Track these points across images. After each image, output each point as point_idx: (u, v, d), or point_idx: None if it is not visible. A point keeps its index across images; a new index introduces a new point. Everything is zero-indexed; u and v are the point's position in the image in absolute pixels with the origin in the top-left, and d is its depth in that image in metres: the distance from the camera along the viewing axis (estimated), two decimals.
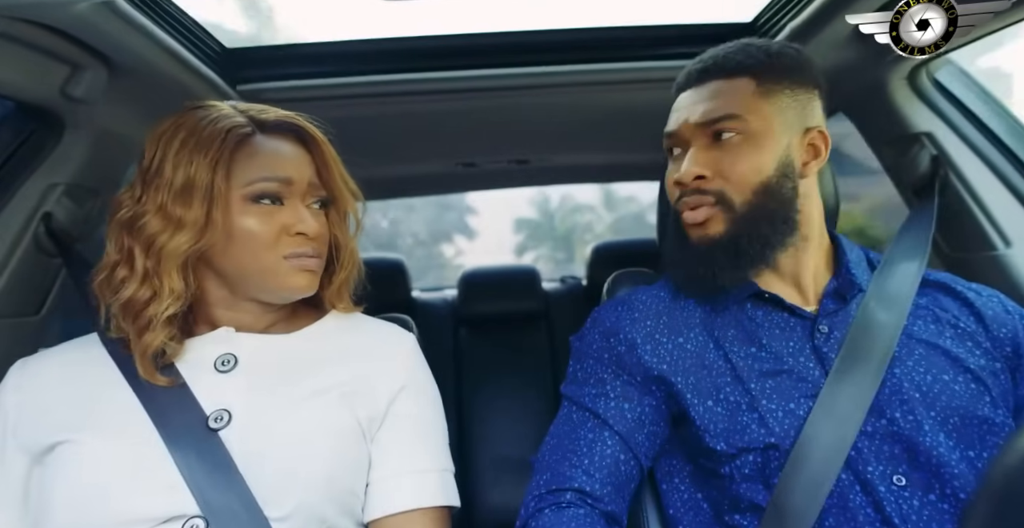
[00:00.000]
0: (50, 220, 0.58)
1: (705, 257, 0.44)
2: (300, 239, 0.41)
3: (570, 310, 1.23)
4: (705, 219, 0.44)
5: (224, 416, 0.38)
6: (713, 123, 0.44)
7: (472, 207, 2.71)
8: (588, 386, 0.47)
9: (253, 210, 0.40)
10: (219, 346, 0.42)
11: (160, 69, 0.57)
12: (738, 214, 0.43)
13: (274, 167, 0.41)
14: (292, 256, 0.41)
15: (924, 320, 0.44)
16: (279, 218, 0.41)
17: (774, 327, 0.45)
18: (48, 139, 0.58)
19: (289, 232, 0.41)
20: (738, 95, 0.44)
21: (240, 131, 0.41)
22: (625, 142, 1.03)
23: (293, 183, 0.41)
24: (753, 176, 0.43)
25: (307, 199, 0.43)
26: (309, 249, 0.42)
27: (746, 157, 0.43)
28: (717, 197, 0.44)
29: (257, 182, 0.40)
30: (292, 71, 0.70)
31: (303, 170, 0.42)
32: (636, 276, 0.60)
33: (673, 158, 0.48)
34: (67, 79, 0.52)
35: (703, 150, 0.44)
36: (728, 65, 0.45)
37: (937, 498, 0.37)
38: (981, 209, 0.61)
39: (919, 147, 0.64)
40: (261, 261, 0.40)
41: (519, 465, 1.06)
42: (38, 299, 0.60)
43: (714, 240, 0.44)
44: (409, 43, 0.72)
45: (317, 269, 0.43)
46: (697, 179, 0.44)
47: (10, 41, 0.45)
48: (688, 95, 0.46)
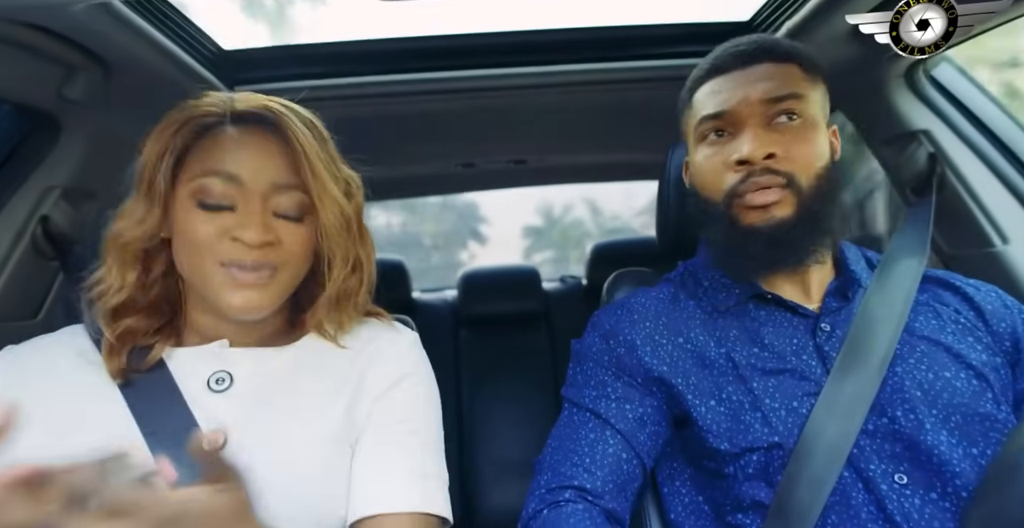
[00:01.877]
0: (47, 223, 0.58)
1: (774, 240, 0.41)
2: (238, 246, 0.36)
3: (570, 310, 1.23)
4: (777, 200, 0.41)
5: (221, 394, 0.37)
6: (778, 101, 0.42)
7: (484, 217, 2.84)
8: (589, 388, 0.46)
9: (195, 212, 0.36)
10: (212, 363, 0.39)
11: (157, 71, 0.57)
12: (806, 197, 0.41)
13: (223, 162, 0.36)
14: (227, 264, 0.36)
15: (925, 316, 0.44)
16: (222, 220, 0.36)
17: (776, 326, 0.44)
18: (45, 142, 0.58)
19: (229, 236, 0.36)
20: (792, 78, 0.43)
21: (201, 121, 0.37)
22: (623, 141, 1.03)
23: (243, 182, 0.36)
24: (816, 161, 0.42)
25: (272, 202, 0.37)
26: (248, 259, 0.36)
27: (809, 140, 0.42)
28: (788, 178, 0.41)
29: (200, 177, 0.36)
30: (289, 72, 0.70)
31: (264, 168, 0.37)
32: (636, 275, 0.60)
33: (716, 142, 0.44)
34: (63, 81, 0.52)
35: (763, 130, 0.42)
36: (778, 50, 0.44)
37: (939, 496, 0.37)
38: (978, 206, 0.61)
39: (916, 145, 0.65)
40: (199, 265, 0.37)
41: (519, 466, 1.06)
42: (36, 303, 0.60)
43: (781, 223, 0.41)
44: (406, 43, 0.72)
45: (262, 284, 0.37)
46: (767, 158, 0.41)
47: (5, 43, 0.45)
48: (735, 76, 0.44)
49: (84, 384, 0.38)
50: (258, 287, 0.37)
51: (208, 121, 0.38)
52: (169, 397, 0.37)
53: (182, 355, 0.40)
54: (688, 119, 0.48)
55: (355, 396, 0.41)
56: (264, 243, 0.37)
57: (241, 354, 0.40)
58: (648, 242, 1.16)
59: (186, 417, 0.37)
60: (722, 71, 0.45)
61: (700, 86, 0.46)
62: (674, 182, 0.59)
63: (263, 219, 0.37)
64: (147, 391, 0.37)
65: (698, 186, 0.47)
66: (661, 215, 0.62)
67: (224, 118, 0.38)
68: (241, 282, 0.37)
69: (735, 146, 0.43)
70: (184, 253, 0.38)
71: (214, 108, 0.38)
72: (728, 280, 0.47)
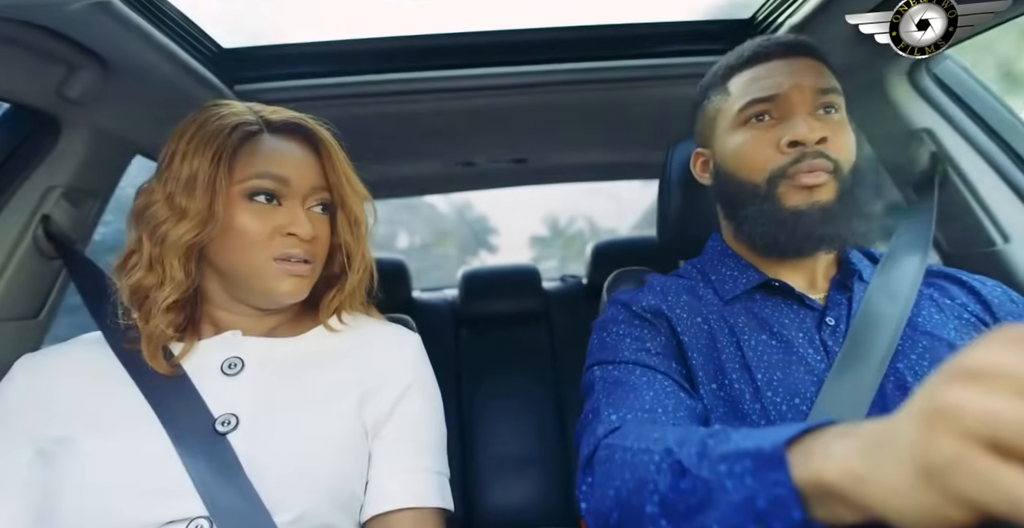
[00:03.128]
0: (49, 222, 0.58)
1: (813, 222, 0.42)
2: (292, 240, 0.41)
3: (571, 309, 1.23)
4: (821, 183, 0.42)
5: (232, 420, 0.38)
6: (826, 92, 0.43)
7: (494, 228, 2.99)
8: (624, 345, 0.44)
9: (249, 207, 0.40)
10: (225, 349, 0.42)
11: (156, 69, 0.56)
12: (845, 187, 0.42)
13: (272, 165, 0.41)
14: (281, 258, 0.41)
15: (928, 311, 0.44)
16: (274, 217, 0.41)
17: (784, 315, 0.44)
18: (45, 141, 0.58)
19: (281, 232, 0.41)
20: (829, 75, 0.44)
21: (245, 128, 0.41)
22: (625, 140, 1.03)
23: (291, 183, 0.41)
24: (852, 154, 0.43)
25: (308, 202, 0.43)
26: (300, 252, 0.41)
27: (849, 134, 0.43)
28: (835, 164, 0.42)
29: (253, 178, 0.40)
30: (289, 71, 0.70)
31: (305, 172, 0.42)
32: (636, 274, 0.61)
33: (763, 125, 0.44)
34: (63, 80, 0.52)
35: (811, 117, 0.43)
36: (811, 48, 0.45)
37: None
38: (980, 205, 0.61)
39: (918, 143, 0.64)
40: (250, 260, 0.40)
41: (520, 464, 1.07)
42: (38, 301, 0.60)
43: (824, 206, 0.42)
44: (406, 42, 0.71)
45: (307, 275, 0.42)
46: (820, 142, 0.42)
47: (4, 42, 0.45)
48: (781, 64, 0.44)
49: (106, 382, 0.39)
50: (303, 277, 0.42)
51: (250, 128, 0.41)
52: (184, 387, 0.39)
53: (196, 346, 0.42)
54: (721, 105, 0.48)
55: (367, 395, 0.43)
56: (313, 238, 0.42)
57: (253, 341, 0.43)
58: (648, 241, 1.16)
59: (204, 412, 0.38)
60: (765, 58, 0.45)
61: (737, 73, 0.47)
62: (675, 181, 0.59)
63: (310, 216, 0.42)
64: (165, 384, 0.39)
65: (734, 168, 0.46)
66: (661, 214, 0.62)
67: (262, 127, 0.42)
68: (293, 272, 0.41)
69: (785, 128, 0.43)
70: (236, 248, 0.40)
71: (249, 116, 0.42)
72: (735, 272, 0.48)
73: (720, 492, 0.26)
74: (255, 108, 0.43)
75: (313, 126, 0.44)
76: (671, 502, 0.28)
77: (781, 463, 0.24)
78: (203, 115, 0.42)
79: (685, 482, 0.28)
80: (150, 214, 0.40)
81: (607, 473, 0.33)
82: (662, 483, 0.29)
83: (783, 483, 0.24)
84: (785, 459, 0.24)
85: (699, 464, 0.28)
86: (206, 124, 0.41)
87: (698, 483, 0.27)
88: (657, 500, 0.29)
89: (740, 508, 0.25)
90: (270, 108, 0.44)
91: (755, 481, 0.25)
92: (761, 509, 0.24)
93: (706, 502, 0.27)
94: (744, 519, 0.25)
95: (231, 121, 0.41)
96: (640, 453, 0.32)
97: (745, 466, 0.26)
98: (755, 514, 0.24)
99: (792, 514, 0.23)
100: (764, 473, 0.25)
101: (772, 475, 0.24)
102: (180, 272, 0.39)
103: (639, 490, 0.30)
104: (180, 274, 0.39)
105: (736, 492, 0.25)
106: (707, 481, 0.27)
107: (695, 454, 0.28)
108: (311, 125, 0.44)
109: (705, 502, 0.27)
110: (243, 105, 0.43)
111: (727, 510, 0.26)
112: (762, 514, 0.24)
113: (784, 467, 0.24)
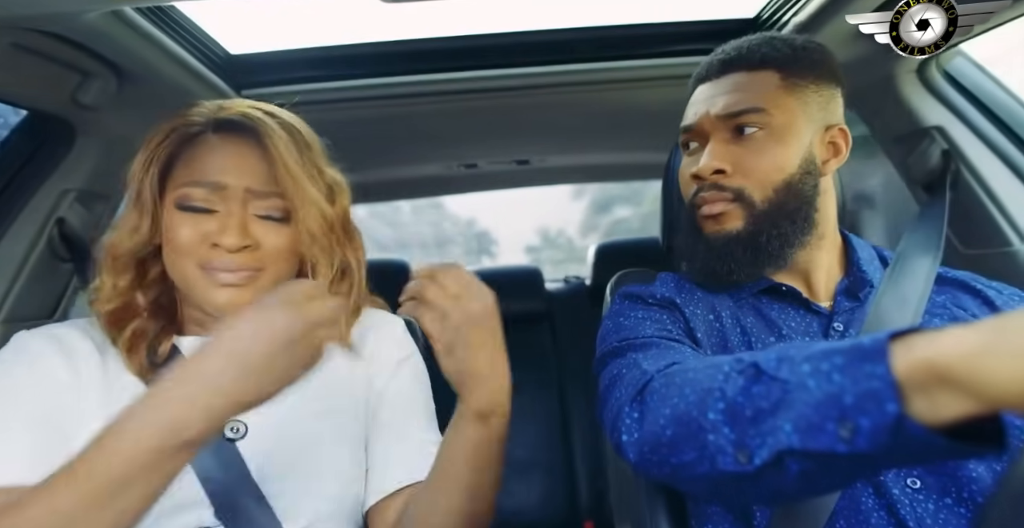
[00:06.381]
0: (63, 225, 0.59)
1: (722, 252, 0.43)
2: (218, 251, 0.37)
3: (574, 310, 1.22)
4: (721, 212, 0.43)
5: (240, 427, 0.38)
6: (736, 116, 0.42)
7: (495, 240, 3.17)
8: (644, 326, 0.42)
9: (178, 217, 0.38)
10: None
11: (167, 76, 0.58)
12: (758, 211, 0.42)
13: (206, 171, 0.38)
14: (208, 267, 0.38)
15: (941, 318, 0.43)
16: (203, 225, 0.37)
17: (790, 319, 0.44)
18: (60, 146, 0.60)
19: (208, 241, 0.37)
20: (762, 88, 0.43)
21: (186, 131, 0.38)
22: (627, 141, 1.02)
23: (227, 189, 0.38)
24: (775, 174, 0.42)
25: (253, 208, 0.39)
26: (229, 262, 0.37)
27: (769, 153, 0.42)
28: (736, 194, 0.42)
29: (182, 187, 0.38)
30: (295, 75, 0.71)
31: (245, 175, 0.38)
32: (640, 276, 0.60)
33: (689, 152, 0.47)
34: (78, 87, 0.54)
35: (723, 144, 0.43)
36: (752, 57, 0.43)
37: (954, 502, 0.36)
38: (995, 204, 0.60)
39: (929, 142, 0.63)
40: (181, 269, 0.38)
41: (522, 465, 1.06)
42: (52, 302, 0.61)
43: (731, 236, 0.43)
44: (410, 45, 0.72)
45: (245, 284, 0.38)
46: (716, 173, 0.43)
47: (22, 51, 0.47)
48: (708, 87, 0.45)
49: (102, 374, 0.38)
50: (240, 286, 0.38)
51: (192, 130, 0.39)
52: None
53: (192, 343, 0.41)
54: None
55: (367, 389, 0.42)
56: (242, 247, 0.38)
57: None
58: (652, 242, 1.15)
59: None
60: (702, 80, 0.46)
61: (693, 90, 0.47)
62: (677, 182, 0.58)
63: (241, 223, 0.38)
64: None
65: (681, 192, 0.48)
66: (665, 215, 0.61)
67: (207, 126, 0.39)
68: (222, 282, 0.38)
69: (697, 158, 0.44)
70: (169, 258, 0.39)
71: (199, 117, 0.39)
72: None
73: (799, 391, 0.24)
74: (223, 105, 0.40)
75: (258, 121, 0.38)
76: (738, 407, 0.27)
77: (880, 355, 0.22)
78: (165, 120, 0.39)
79: (758, 386, 0.26)
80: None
81: (662, 397, 0.32)
82: (730, 389, 0.28)
83: (879, 375, 0.22)
84: (887, 350, 0.22)
85: (778, 367, 0.26)
86: (154, 130, 0.39)
87: (773, 386, 0.26)
88: (722, 407, 0.27)
89: (821, 406, 0.23)
90: (230, 103, 0.40)
91: (844, 377, 0.23)
92: (848, 405, 0.23)
93: (780, 403, 0.25)
94: (823, 418, 0.23)
95: (171, 125, 0.38)
96: (706, 369, 0.30)
97: (834, 363, 0.24)
98: (839, 411, 0.23)
99: (886, 407, 0.22)
100: (857, 366, 0.23)
101: (867, 367, 0.23)
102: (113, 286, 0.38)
103: (701, 401, 0.29)
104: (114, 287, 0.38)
105: (819, 389, 0.24)
106: (785, 382, 0.25)
107: (773, 359, 0.27)
108: (255, 120, 0.38)
109: (779, 404, 0.25)
110: (211, 104, 0.40)
111: (804, 409, 0.24)
112: (848, 411, 0.23)
113: (884, 359, 0.22)
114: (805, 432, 0.24)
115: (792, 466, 0.25)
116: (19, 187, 0.58)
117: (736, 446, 0.27)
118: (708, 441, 0.28)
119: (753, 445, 0.26)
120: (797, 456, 0.24)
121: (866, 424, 0.22)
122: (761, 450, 0.25)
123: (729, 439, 0.27)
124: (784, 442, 0.25)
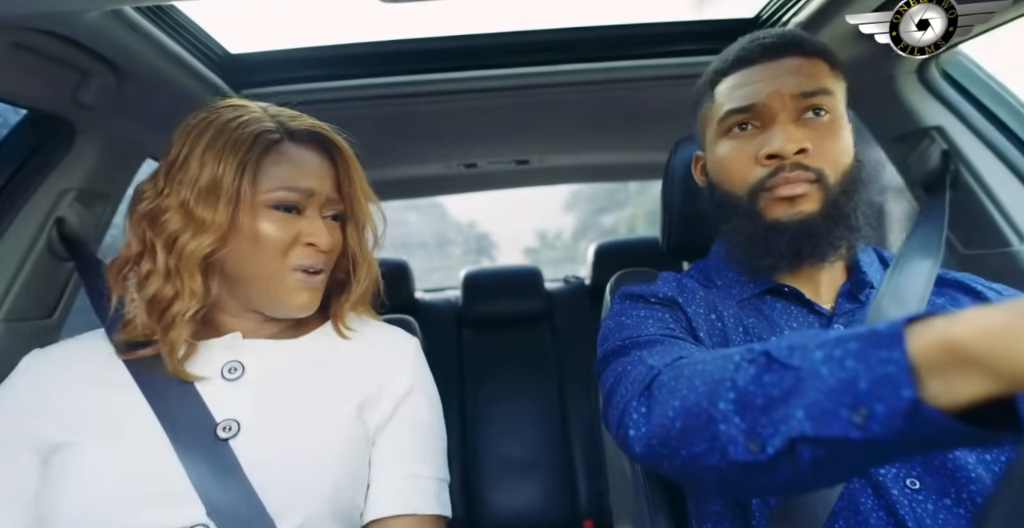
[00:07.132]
0: (62, 224, 0.59)
1: (797, 234, 0.41)
2: (310, 250, 0.41)
3: (573, 310, 1.22)
4: (802, 194, 0.40)
5: (233, 426, 0.38)
6: (809, 96, 0.41)
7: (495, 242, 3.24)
8: (647, 325, 0.42)
9: (272, 216, 0.40)
10: (225, 353, 0.41)
11: (166, 75, 0.58)
12: (833, 195, 0.41)
13: (298, 178, 0.41)
14: (299, 268, 0.41)
15: None
16: (296, 226, 0.40)
17: (792, 320, 0.43)
18: (60, 145, 0.60)
19: (301, 241, 0.41)
20: (820, 73, 0.42)
21: (269, 136, 0.40)
22: (627, 141, 1.02)
23: (314, 194, 0.41)
24: (844, 157, 0.41)
25: (325, 211, 0.43)
26: (318, 262, 0.41)
27: (838, 136, 0.41)
28: (817, 174, 0.40)
29: (279, 190, 0.40)
30: (294, 75, 0.71)
31: (325, 182, 0.42)
32: (639, 276, 0.60)
33: (744, 134, 0.43)
34: (77, 86, 0.54)
35: (792, 125, 0.41)
36: (806, 44, 0.43)
37: (953, 502, 0.36)
38: (994, 204, 0.60)
39: (929, 142, 0.63)
40: (269, 268, 0.40)
41: (522, 465, 1.06)
42: (51, 302, 0.61)
43: (806, 218, 0.41)
44: (410, 45, 0.72)
45: (320, 287, 0.43)
46: (799, 153, 0.40)
47: (22, 50, 0.47)
48: (765, 68, 0.42)
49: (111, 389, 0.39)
50: (316, 289, 0.43)
51: (272, 137, 0.41)
52: (188, 392, 0.39)
53: (197, 348, 0.41)
54: (707, 112, 0.46)
55: (367, 401, 0.42)
56: (331, 247, 0.42)
57: (253, 345, 0.42)
58: (651, 242, 1.15)
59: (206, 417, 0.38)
60: (749, 62, 0.43)
61: (723, 78, 0.45)
62: (678, 181, 0.58)
63: (326, 225, 0.42)
64: (169, 389, 0.39)
65: (719, 180, 0.45)
66: (665, 215, 0.61)
67: (283, 135, 0.42)
68: (309, 285, 0.42)
69: (764, 139, 0.42)
70: (255, 257, 0.40)
71: (269, 124, 0.41)
72: (742, 277, 0.47)
73: (812, 378, 0.24)
74: (272, 112, 0.42)
75: (332, 135, 0.43)
76: (750, 396, 0.26)
77: (896, 339, 0.22)
78: (219, 118, 0.40)
79: (770, 374, 0.26)
80: (164, 221, 0.38)
81: (671, 389, 0.32)
82: (741, 378, 0.27)
83: (895, 360, 0.22)
84: (903, 335, 0.22)
85: (790, 354, 0.26)
86: (226, 129, 0.39)
87: (785, 373, 0.25)
88: (733, 397, 0.27)
89: (834, 392, 0.23)
90: (288, 113, 0.43)
91: (858, 363, 0.23)
92: (862, 391, 0.22)
93: (792, 391, 0.24)
94: (837, 404, 0.23)
95: (254, 129, 0.40)
96: (716, 360, 0.30)
97: (848, 349, 0.23)
98: (853, 397, 0.22)
99: (901, 392, 0.21)
100: (872, 352, 0.22)
101: (882, 353, 0.22)
102: (199, 284, 0.38)
103: (711, 392, 0.28)
104: (200, 286, 0.38)
105: (832, 376, 0.23)
106: (797, 369, 0.25)
107: (785, 347, 0.26)
108: (330, 135, 0.43)
109: (791, 391, 0.25)
110: (257, 107, 0.42)
111: (817, 396, 0.23)
112: (862, 396, 0.22)
113: (899, 344, 0.22)
114: (818, 419, 0.23)
115: (804, 454, 0.24)
116: (19, 186, 0.58)
117: (748, 435, 0.26)
118: (719, 431, 0.27)
119: (765, 434, 0.25)
120: (810, 443, 0.24)
121: (881, 410, 0.22)
122: (773, 439, 0.25)
123: (740, 429, 0.26)
124: (796, 429, 0.24)
